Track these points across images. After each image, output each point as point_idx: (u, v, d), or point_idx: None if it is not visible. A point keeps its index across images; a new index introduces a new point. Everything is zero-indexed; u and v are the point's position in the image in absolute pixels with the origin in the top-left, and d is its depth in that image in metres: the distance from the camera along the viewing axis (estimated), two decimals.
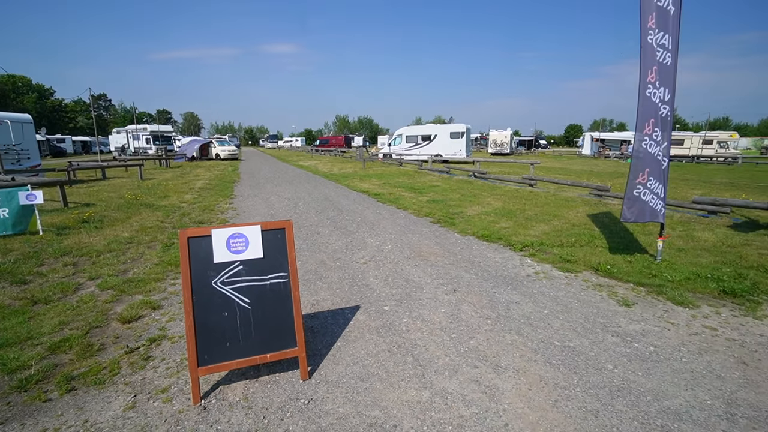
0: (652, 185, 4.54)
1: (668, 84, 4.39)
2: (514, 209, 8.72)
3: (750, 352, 2.91)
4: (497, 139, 44.24)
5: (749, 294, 3.93)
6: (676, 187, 14.06)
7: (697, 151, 31.80)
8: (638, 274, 4.51)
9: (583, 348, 2.97)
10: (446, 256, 5.31)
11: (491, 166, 22.82)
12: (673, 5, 4.38)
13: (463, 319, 3.43)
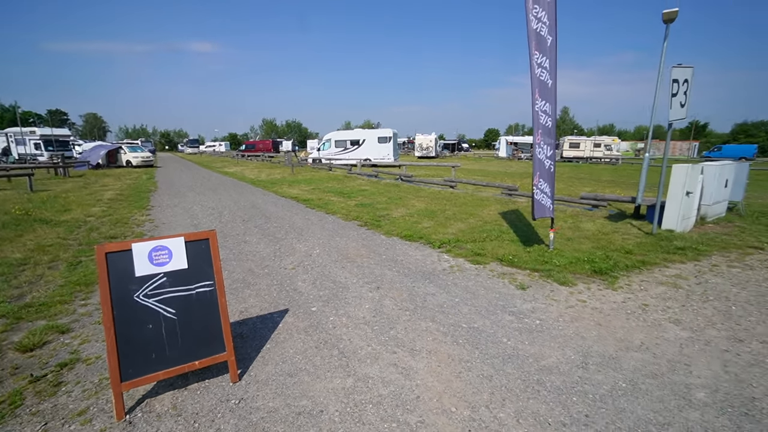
0: (542, 186, 5.37)
1: (549, 99, 5.24)
2: (436, 210, 9.43)
3: (605, 315, 3.69)
4: (423, 143, 46.31)
5: (611, 271, 4.87)
6: (572, 185, 16.19)
7: (590, 153, 36.64)
8: (534, 261, 5.29)
9: (485, 327, 3.49)
10: (372, 256, 5.66)
11: (417, 170, 23.97)
12: (549, 35, 5.24)
13: (385, 313, 3.78)
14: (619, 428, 2.26)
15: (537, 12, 5.04)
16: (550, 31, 5.20)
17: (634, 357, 3.01)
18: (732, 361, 2.95)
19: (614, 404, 2.47)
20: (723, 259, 5.49)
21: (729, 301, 4.05)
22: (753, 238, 6.58)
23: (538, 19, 5.04)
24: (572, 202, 9.88)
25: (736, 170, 8.47)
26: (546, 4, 5.17)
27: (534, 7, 5.02)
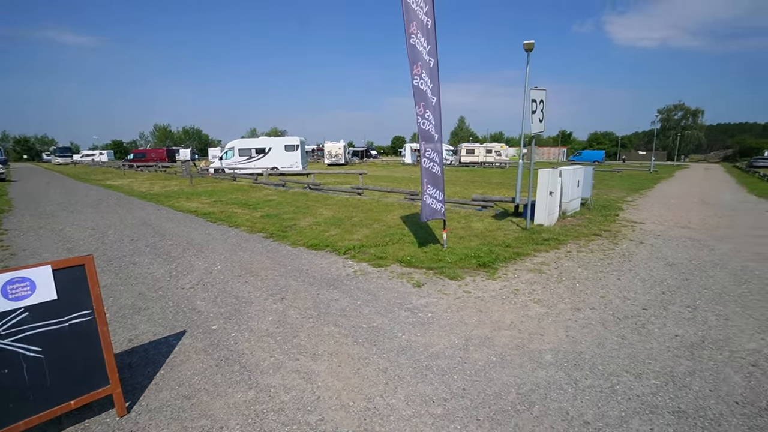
0: (431, 191, 5.97)
1: (433, 114, 5.86)
2: (343, 217, 9.67)
3: (485, 303, 4.30)
4: (332, 150, 46.55)
5: (493, 263, 5.65)
6: (467, 188, 17.91)
7: (483, 158, 40.80)
8: (430, 260, 5.84)
9: (383, 325, 3.80)
10: (277, 268, 5.64)
11: (326, 177, 24.06)
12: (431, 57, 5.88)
13: (289, 323, 3.86)
14: (488, 394, 2.72)
15: (419, 37, 5.63)
16: (431, 53, 5.84)
17: (504, 335, 3.59)
18: (571, 327, 3.72)
19: (486, 376, 2.94)
20: (575, 245, 6.74)
21: (575, 279, 5.03)
22: (595, 227, 8.17)
23: (420, 43, 5.63)
24: (465, 204, 11.01)
25: (585, 173, 10.39)
26: (426, 30, 5.80)
27: (417, 31, 5.60)
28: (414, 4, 5.59)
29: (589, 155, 59.73)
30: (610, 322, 3.81)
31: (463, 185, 19.63)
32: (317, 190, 16.26)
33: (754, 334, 3.56)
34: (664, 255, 6.22)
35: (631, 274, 5.28)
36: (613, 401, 2.63)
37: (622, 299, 4.40)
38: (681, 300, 4.37)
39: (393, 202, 12.33)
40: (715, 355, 3.20)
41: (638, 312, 4.05)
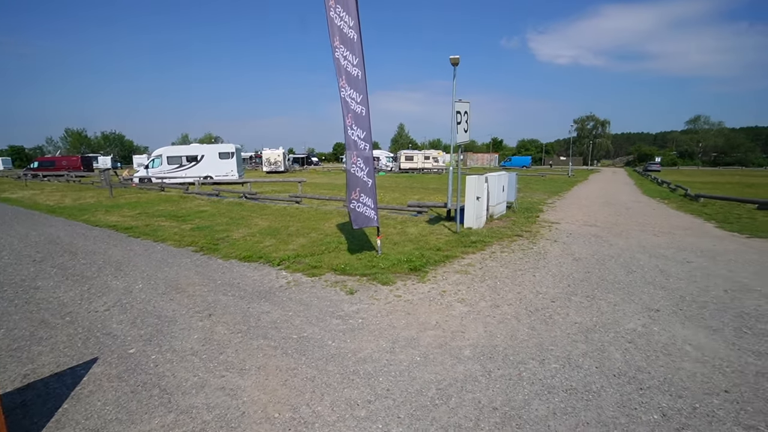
0: (363, 200, 6.13)
1: (362, 125, 6.04)
2: (279, 227, 9.50)
3: (413, 305, 4.52)
4: (271, 157, 45.26)
5: (424, 267, 5.93)
6: (405, 194, 18.45)
7: (421, 164, 42.25)
8: (364, 267, 5.97)
9: (314, 334, 3.84)
10: (205, 283, 5.41)
11: (264, 186, 23.35)
12: (358, 70, 6.06)
13: (216, 339, 3.74)
14: (410, 393, 2.89)
15: (343, 51, 5.79)
16: (358, 66, 6.02)
17: (429, 335, 3.82)
18: (490, 322, 4.06)
19: (409, 375, 3.12)
20: (499, 246, 7.31)
21: (497, 278, 5.48)
22: (518, 228, 8.92)
23: (345, 57, 5.80)
24: (402, 210, 11.37)
25: (509, 178, 11.28)
26: (352, 45, 5.98)
27: (341, 46, 5.76)
28: (338, 20, 5.74)
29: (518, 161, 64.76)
30: (523, 316, 4.22)
31: (402, 191, 20.19)
32: (253, 199, 15.73)
33: (634, 316, 4.17)
34: (572, 251, 6.99)
35: (545, 270, 5.87)
36: (519, 387, 2.94)
37: (535, 294, 4.89)
38: (582, 291, 4.97)
39: (332, 210, 12.34)
40: (603, 337, 3.70)
41: (547, 304, 4.53)
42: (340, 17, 5.90)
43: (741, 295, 4.83)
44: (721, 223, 10.25)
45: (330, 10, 5.73)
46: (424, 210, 10.94)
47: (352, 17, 6.02)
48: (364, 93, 6.13)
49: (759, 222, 10.17)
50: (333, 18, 5.76)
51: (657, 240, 8.03)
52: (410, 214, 11.07)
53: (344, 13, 5.94)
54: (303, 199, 14.86)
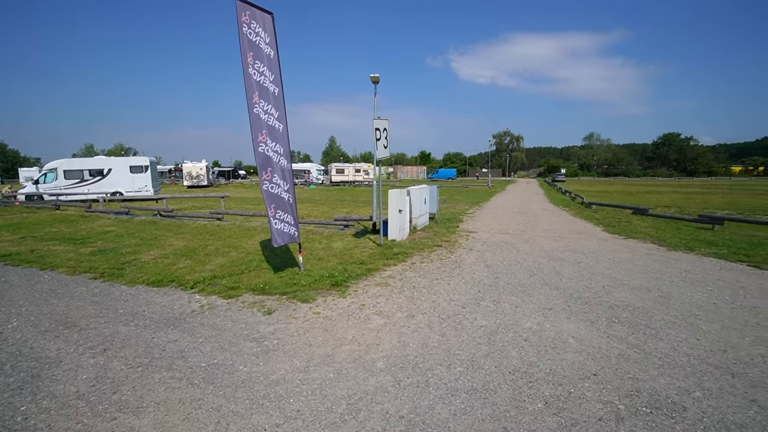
0: (282, 216, 6.04)
1: (280, 140, 5.99)
2: (197, 247, 8.91)
3: (332, 321, 4.55)
4: (192, 171, 42.34)
5: (346, 282, 6.00)
6: (335, 207, 18.44)
7: (352, 177, 42.61)
8: (285, 285, 5.85)
9: (225, 360, 3.67)
10: (103, 314, 4.88)
11: (183, 202, 21.72)
12: (275, 85, 6.03)
13: (110, 377, 3.39)
14: (320, 411, 2.90)
15: (259, 67, 5.74)
16: (275, 82, 6.00)
17: (345, 350, 3.87)
18: (404, 332, 4.24)
19: (321, 393, 3.13)
20: (419, 257, 7.66)
21: (414, 289, 5.73)
22: (438, 238, 9.44)
23: (261, 73, 5.75)
24: (329, 224, 11.36)
25: (431, 191, 11.90)
26: (269, 61, 5.95)
27: (255, 62, 5.70)
28: (253, 36, 5.69)
29: (445, 173, 68.43)
30: (435, 323, 4.48)
31: (332, 204, 20.15)
32: (169, 217, 14.56)
33: (531, 316, 4.66)
34: (485, 259, 7.58)
35: (459, 278, 6.29)
36: (426, 393, 3.12)
37: (449, 301, 5.21)
38: (490, 296, 5.41)
39: (256, 226, 11.90)
40: (504, 338, 4.07)
41: (458, 311, 4.86)
42: (255, 33, 5.84)
43: (614, 289, 5.65)
44: (607, 226, 11.88)
45: (243, 27, 5.65)
46: (351, 223, 11.05)
47: (268, 34, 6.00)
48: (282, 109, 6.10)
49: (633, 225, 11.98)
50: (247, 34, 5.68)
51: (556, 244, 9.05)
52: (337, 228, 11.10)
53: (260, 29, 5.90)
54: (225, 216, 14.13)
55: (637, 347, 3.86)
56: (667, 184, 54.08)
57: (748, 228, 11.52)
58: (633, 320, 4.53)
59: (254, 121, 5.63)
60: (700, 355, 3.69)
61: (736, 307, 4.99)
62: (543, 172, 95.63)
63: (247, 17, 5.67)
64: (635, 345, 3.90)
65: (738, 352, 3.76)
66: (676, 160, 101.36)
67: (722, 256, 7.81)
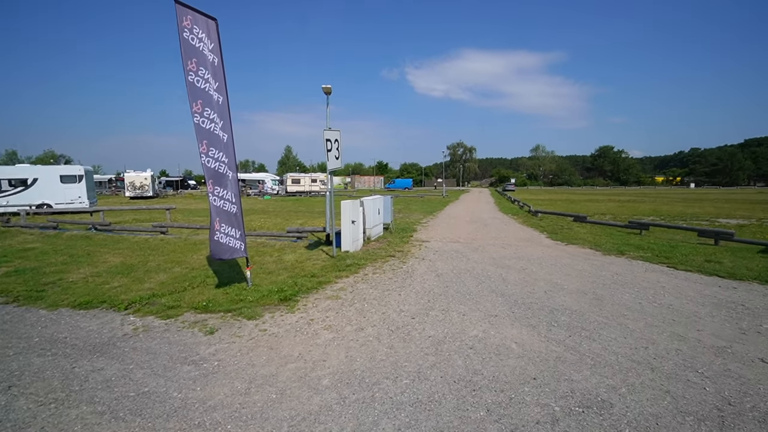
0: (226, 230, 5.79)
1: (225, 150, 5.76)
2: (136, 263, 8.29)
3: (278, 338, 4.38)
4: (135, 181, 39.64)
5: (295, 296, 5.83)
6: (289, 218, 18.01)
7: (309, 187, 41.98)
8: (230, 302, 5.58)
9: (158, 387, 3.40)
10: (12, 345, 4.34)
11: (124, 215, 20.21)
12: (219, 94, 5.81)
13: (11, 420, 3.00)
14: None
15: (203, 74, 5.51)
16: (219, 90, 5.78)
17: (290, 368, 3.74)
18: (352, 347, 4.18)
19: (262, 416, 2.98)
20: (372, 268, 7.64)
21: (365, 301, 5.70)
22: (392, 249, 9.50)
23: (205, 80, 5.52)
24: (281, 236, 11.06)
25: (384, 201, 12.00)
26: (213, 68, 5.73)
27: (199, 69, 5.47)
28: (195, 41, 5.47)
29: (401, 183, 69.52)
30: (384, 336, 4.46)
31: (286, 216, 19.67)
32: (106, 231, 13.45)
33: (478, 323, 4.79)
34: (436, 268, 7.72)
35: (410, 288, 6.34)
36: (371, 408, 3.08)
37: (399, 312, 5.22)
38: (439, 305, 5.51)
39: (204, 239, 11.30)
40: (450, 347, 4.14)
41: (408, 322, 4.89)
42: (198, 39, 5.62)
43: (555, 293, 5.98)
44: (551, 233, 12.61)
45: (184, 31, 5.41)
46: (304, 235, 10.84)
47: (212, 40, 5.80)
48: (227, 118, 5.89)
49: (574, 231, 12.83)
50: (188, 39, 5.45)
51: (504, 252, 9.44)
52: (290, 240, 10.83)
53: (203, 35, 5.68)
54: (170, 229, 13.32)
55: (573, 349, 4.08)
56: (603, 193, 58.71)
57: (669, 232, 12.76)
58: (570, 323, 4.80)
59: (197, 130, 5.38)
60: (627, 353, 3.98)
61: (657, 305, 5.46)
62: (495, 181, 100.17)
63: (189, 22, 5.44)
64: (572, 347, 4.13)
65: (657, 348, 4.10)
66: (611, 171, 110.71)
67: (647, 259, 8.55)
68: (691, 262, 8.13)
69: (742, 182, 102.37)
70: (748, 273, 7.23)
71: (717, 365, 3.72)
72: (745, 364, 3.75)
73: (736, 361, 3.82)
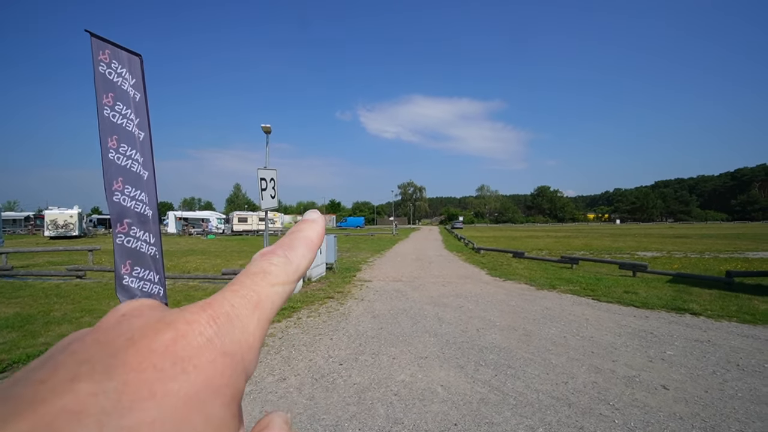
0: (140, 273, 5.29)
1: (145, 189, 5.40)
2: (35, 313, 7.28)
3: None
4: (58, 219, 36.00)
5: None
6: (229, 259, 17.10)
7: (257, 226, 40.61)
8: None
9: None
10: None
11: (37, 257, 18.07)
12: (140, 130, 5.52)
13: None
14: None
15: (121, 109, 5.25)
16: (140, 127, 5.51)
17: None
18: (269, 399, 3.85)
19: None
20: (307, 311, 7.32)
21: (293, 347, 5.38)
22: (332, 289, 9.25)
23: (123, 116, 5.25)
24: (216, 279, 10.38)
25: (328, 240, 11.82)
26: (134, 104, 5.49)
27: (116, 104, 5.20)
28: (113, 76, 5.23)
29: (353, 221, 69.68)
30: (306, 386, 4.18)
31: (227, 257, 18.68)
32: (6, 276, 11.83)
33: (407, 367, 4.67)
34: (373, 309, 7.58)
35: (343, 331, 6.11)
36: None
37: (327, 359, 4.96)
38: (371, 349, 5.33)
39: None
40: (374, 395, 3.96)
41: (335, 368, 4.64)
42: (117, 74, 5.38)
43: (487, 331, 6.05)
44: (490, 270, 13.05)
45: (100, 65, 5.17)
46: None
47: (134, 76, 5.58)
48: (149, 155, 5.57)
49: (512, 267, 13.40)
50: (104, 74, 5.20)
51: (444, 290, 9.54)
52: (226, 282, 10.17)
53: (123, 70, 5.46)
54: (90, 273, 12.04)
55: (497, 389, 4.07)
56: (543, 230, 62.87)
57: (596, 266, 13.75)
58: (498, 361, 4.83)
59: (108, 166, 5.01)
60: (547, 390, 4.04)
61: (579, 338, 5.71)
62: (444, 219, 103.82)
63: (106, 56, 5.23)
64: (496, 387, 4.12)
65: (576, 382, 4.21)
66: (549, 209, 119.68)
67: (576, 292, 9.06)
68: (612, 294, 8.73)
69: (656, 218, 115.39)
70: (658, 302, 7.88)
71: (626, 396, 3.88)
72: (649, 392, 3.95)
73: (642, 389, 4.01)
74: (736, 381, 4.25)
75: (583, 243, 27.21)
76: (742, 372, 4.51)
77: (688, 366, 4.67)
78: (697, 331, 6.08)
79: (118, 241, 5.06)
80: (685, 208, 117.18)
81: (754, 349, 5.29)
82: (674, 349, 5.25)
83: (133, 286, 5.20)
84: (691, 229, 58.70)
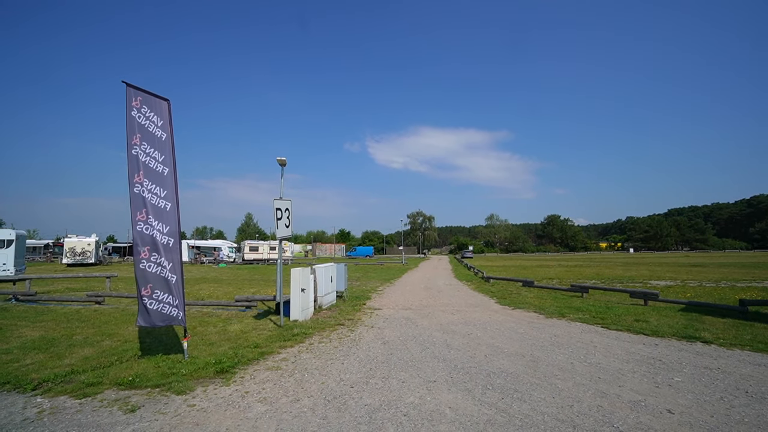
0: (159, 296, 5.63)
1: (165, 220, 5.83)
2: (59, 337, 7.60)
3: (206, 414, 4.14)
4: (76, 247, 37.02)
5: (233, 368, 5.58)
6: (241, 287, 17.39)
7: (267, 255, 41.07)
8: (160, 376, 5.22)
9: None
10: None
11: (57, 283, 18.63)
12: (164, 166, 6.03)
13: None
14: None
15: (146, 148, 5.78)
16: (165, 163, 6.02)
17: None
18: (284, 419, 4.03)
19: None
20: (318, 337, 7.51)
21: (306, 371, 5.56)
22: (342, 317, 9.42)
23: (147, 154, 5.78)
24: (229, 306, 10.65)
25: (338, 269, 12.08)
26: (160, 143, 6.02)
27: (143, 143, 5.75)
28: (142, 119, 5.82)
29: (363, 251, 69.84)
30: (320, 406, 4.35)
31: (239, 284, 18.97)
32: (30, 302, 12.28)
33: (416, 390, 4.81)
34: (383, 335, 7.72)
35: (354, 357, 6.27)
36: None
37: (338, 381, 5.13)
38: (381, 373, 5.48)
39: None
40: (384, 415, 4.11)
41: (346, 391, 4.80)
42: (146, 117, 5.97)
43: (495, 357, 6.15)
44: (500, 298, 13.06)
45: (132, 110, 5.77)
46: (254, 304, 10.51)
47: (161, 118, 6.15)
48: (171, 188, 6.05)
49: (522, 296, 13.39)
50: (135, 117, 5.80)
51: (452, 317, 9.63)
52: (238, 309, 10.44)
53: (152, 113, 6.03)
54: (108, 298, 12.44)
55: (503, 411, 4.19)
56: (554, 259, 62.01)
57: (607, 294, 13.66)
58: (505, 385, 4.94)
59: (134, 199, 5.50)
60: (553, 413, 4.14)
61: (586, 364, 5.77)
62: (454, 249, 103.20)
63: (138, 102, 5.84)
64: (502, 409, 4.24)
65: (581, 405, 4.30)
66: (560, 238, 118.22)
67: (585, 320, 9.07)
68: (622, 322, 8.72)
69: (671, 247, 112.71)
70: (669, 330, 7.87)
71: (631, 419, 3.97)
72: (654, 416, 4.03)
73: (648, 413, 4.09)
74: (744, 407, 4.29)
75: (595, 272, 26.87)
76: (750, 398, 4.54)
77: (696, 392, 4.72)
78: (707, 359, 6.09)
79: (140, 266, 5.44)
80: (701, 237, 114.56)
81: (765, 376, 5.29)
82: (682, 376, 5.29)
83: (154, 308, 5.55)
84: (708, 257, 57.32)
